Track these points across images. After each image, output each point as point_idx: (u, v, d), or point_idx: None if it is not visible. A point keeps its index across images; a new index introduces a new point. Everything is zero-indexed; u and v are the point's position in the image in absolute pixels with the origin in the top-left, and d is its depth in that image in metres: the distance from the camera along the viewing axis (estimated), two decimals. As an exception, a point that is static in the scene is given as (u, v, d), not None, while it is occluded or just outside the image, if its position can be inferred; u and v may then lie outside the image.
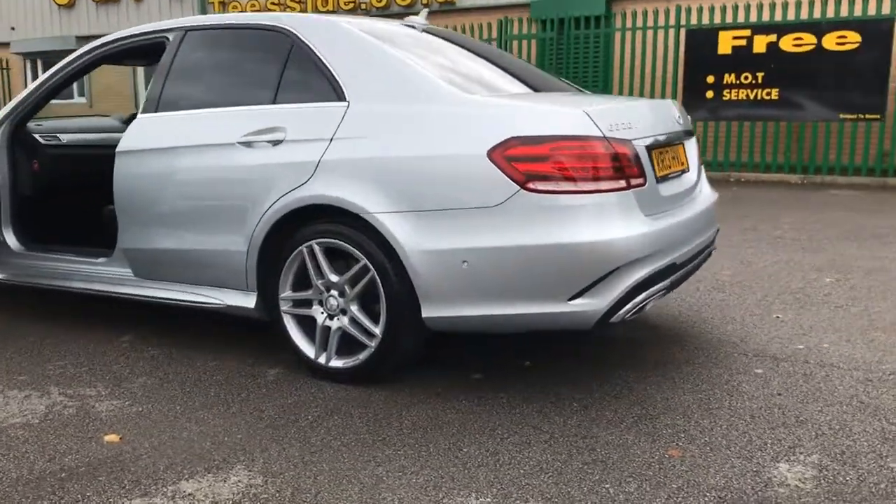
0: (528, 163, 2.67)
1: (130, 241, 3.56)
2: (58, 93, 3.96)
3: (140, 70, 16.29)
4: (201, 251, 3.32)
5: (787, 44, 10.10)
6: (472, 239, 2.74)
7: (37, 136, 4.27)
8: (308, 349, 3.15)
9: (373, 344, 2.98)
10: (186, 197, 3.33)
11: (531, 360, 3.32)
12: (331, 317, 3.09)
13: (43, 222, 4.24)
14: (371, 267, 2.92)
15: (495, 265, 2.72)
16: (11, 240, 4.02)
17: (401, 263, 2.85)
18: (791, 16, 10.25)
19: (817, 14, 10.19)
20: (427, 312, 2.86)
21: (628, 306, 2.77)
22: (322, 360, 3.11)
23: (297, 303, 3.17)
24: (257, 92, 3.28)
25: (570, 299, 2.70)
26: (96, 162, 4.25)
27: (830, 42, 9.87)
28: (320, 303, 3.11)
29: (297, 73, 3.19)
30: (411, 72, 2.97)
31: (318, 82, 3.12)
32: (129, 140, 3.52)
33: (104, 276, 3.75)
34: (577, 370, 3.19)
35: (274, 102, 3.20)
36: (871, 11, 9.90)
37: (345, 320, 3.05)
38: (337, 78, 3.08)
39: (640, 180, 2.82)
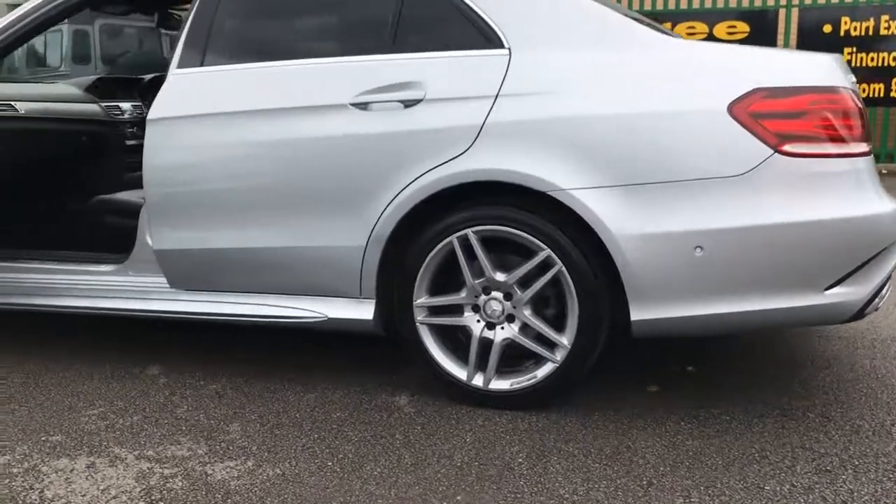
0: (780, 120, 2.15)
1: (172, 241, 2.64)
2: (19, 45, 2.92)
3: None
4: (292, 249, 2.50)
5: (681, 32, 10.24)
6: (708, 218, 2.17)
7: None
8: (456, 369, 2.44)
9: (558, 357, 2.33)
10: (272, 178, 2.48)
11: (692, 366, 2.80)
12: (490, 326, 2.40)
13: (2, 219, 3.14)
14: (557, 259, 2.28)
15: (740, 250, 2.17)
16: None
17: (605, 253, 2.23)
18: (684, 5, 10.42)
19: (709, 4, 10.42)
20: (638, 314, 2.25)
21: (876, 299, 2.32)
22: (478, 381, 2.41)
23: (437, 310, 2.45)
24: (363, 38, 2.51)
25: (828, 288, 2.21)
26: (72, 139, 3.21)
27: (721, 31, 10.15)
28: (474, 308, 2.41)
29: (420, 11, 2.46)
30: (595, 10, 2.35)
31: (455, 23, 2.41)
32: (167, 104, 2.60)
33: (114, 289, 2.79)
34: (738, 372, 2.72)
35: (392, 51, 2.45)
36: (758, 2, 10.28)
37: (514, 329, 2.38)
38: (485, 18, 2.38)
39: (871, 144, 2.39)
